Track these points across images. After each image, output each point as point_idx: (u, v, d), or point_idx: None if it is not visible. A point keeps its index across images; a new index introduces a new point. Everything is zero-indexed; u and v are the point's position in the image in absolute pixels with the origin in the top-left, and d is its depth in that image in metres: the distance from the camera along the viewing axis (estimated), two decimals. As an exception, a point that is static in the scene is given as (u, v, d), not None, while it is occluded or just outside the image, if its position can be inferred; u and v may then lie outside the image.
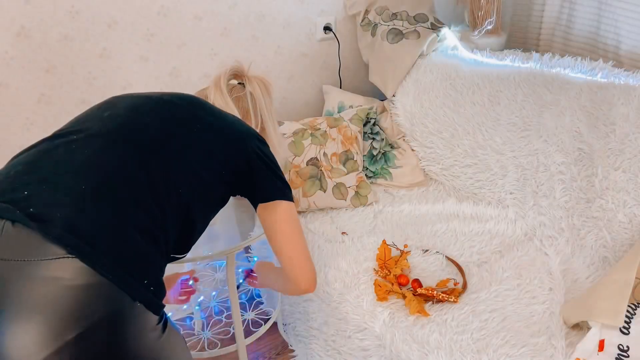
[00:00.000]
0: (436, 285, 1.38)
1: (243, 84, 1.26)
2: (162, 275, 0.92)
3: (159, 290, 0.89)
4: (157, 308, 0.86)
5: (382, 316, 1.31)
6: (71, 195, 0.84)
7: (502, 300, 1.34)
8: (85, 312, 0.77)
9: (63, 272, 0.77)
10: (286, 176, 1.65)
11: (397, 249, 1.49)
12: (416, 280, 1.38)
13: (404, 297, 1.34)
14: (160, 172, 0.93)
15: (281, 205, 1.13)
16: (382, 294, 1.35)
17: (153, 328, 0.85)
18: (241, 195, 1.14)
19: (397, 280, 1.38)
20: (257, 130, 1.24)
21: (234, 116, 1.16)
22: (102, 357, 0.79)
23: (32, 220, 0.79)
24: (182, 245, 1.04)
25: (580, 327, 1.24)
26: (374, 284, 1.38)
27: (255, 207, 1.15)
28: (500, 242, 1.57)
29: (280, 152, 1.30)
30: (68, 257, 0.78)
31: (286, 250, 1.16)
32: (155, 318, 0.86)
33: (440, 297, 1.33)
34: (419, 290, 1.34)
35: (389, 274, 1.40)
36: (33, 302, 0.75)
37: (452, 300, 1.32)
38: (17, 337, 0.74)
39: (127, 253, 0.84)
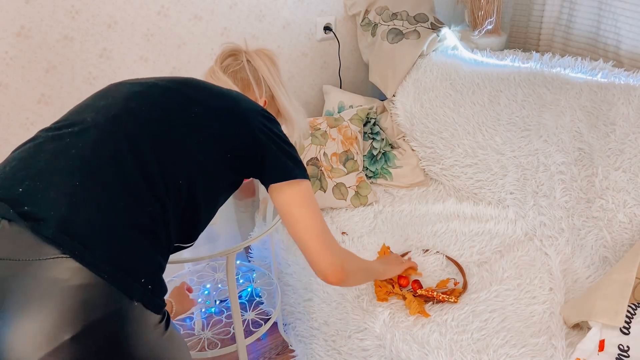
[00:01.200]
0: (436, 286, 1.38)
1: (239, 60, 1.20)
2: (162, 272, 0.90)
3: (159, 289, 0.87)
4: (157, 307, 0.85)
5: (382, 316, 1.30)
6: (65, 192, 0.82)
7: (502, 300, 1.34)
8: (81, 313, 0.75)
9: (58, 272, 0.76)
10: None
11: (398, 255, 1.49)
12: (416, 282, 1.38)
13: (404, 298, 1.34)
14: (157, 164, 0.90)
15: (291, 187, 1.04)
16: (382, 295, 1.35)
17: (154, 327, 0.84)
18: (252, 177, 1.08)
19: (397, 281, 1.38)
20: (264, 99, 1.17)
21: (237, 93, 1.09)
22: (102, 358, 0.78)
23: (25, 219, 0.78)
24: (187, 235, 1.01)
25: (581, 327, 1.24)
26: (374, 284, 1.38)
27: (267, 188, 1.07)
28: (501, 242, 1.57)
29: (298, 121, 1.21)
30: (62, 257, 0.76)
31: (299, 234, 1.05)
32: (156, 317, 0.84)
33: (440, 297, 1.33)
34: (419, 292, 1.34)
35: None
36: (29, 303, 0.75)
37: (452, 300, 1.32)
38: (13, 337, 0.74)
39: (122, 251, 0.82)
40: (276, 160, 1.03)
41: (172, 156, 0.93)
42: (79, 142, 0.88)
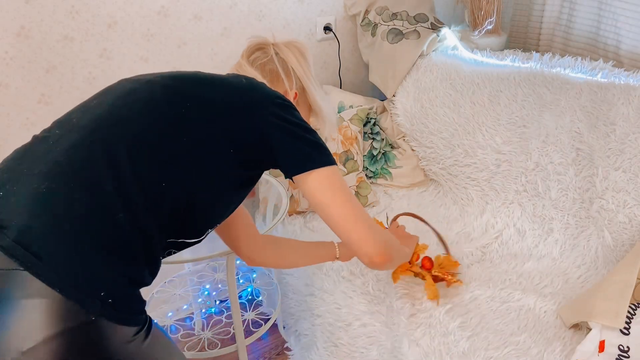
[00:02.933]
0: (440, 265, 1.38)
1: (268, 53, 1.14)
2: (135, 284, 0.84)
3: (124, 302, 0.80)
4: (125, 320, 0.79)
5: (379, 316, 1.31)
6: (30, 199, 0.79)
7: (500, 300, 1.34)
8: (36, 328, 0.73)
9: (15, 285, 0.74)
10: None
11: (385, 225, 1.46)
12: (427, 258, 1.36)
13: (422, 277, 1.33)
14: (132, 168, 0.84)
15: (313, 176, 0.96)
16: (398, 273, 1.33)
17: (130, 339, 0.80)
18: (267, 169, 1.02)
19: (421, 263, 1.37)
20: (295, 91, 1.12)
21: (248, 82, 1.01)
22: None
23: None
24: (193, 231, 0.96)
25: (580, 327, 1.24)
26: None
27: (288, 178, 1.00)
28: (500, 242, 1.58)
29: (328, 114, 1.16)
30: (19, 270, 0.74)
31: (336, 222, 0.98)
32: (130, 330, 0.80)
33: (451, 279, 1.34)
34: (434, 272, 1.34)
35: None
36: None
37: (458, 282, 1.35)
38: None
39: (79, 265, 0.77)
40: (291, 150, 0.96)
41: (152, 158, 0.87)
42: (58, 146, 0.85)
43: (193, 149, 0.90)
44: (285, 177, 1.01)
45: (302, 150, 0.97)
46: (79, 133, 0.86)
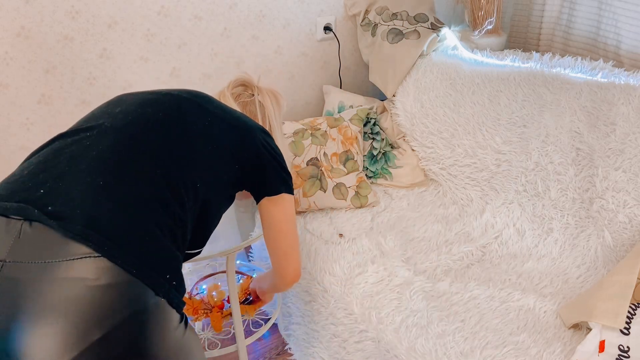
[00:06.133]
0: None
1: (252, 93, 1.29)
2: (181, 270, 0.92)
3: (181, 286, 0.88)
4: (179, 304, 0.86)
5: (376, 317, 1.31)
6: (89, 191, 0.83)
7: (499, 300, 1.34)
8: (109, 313, 0.76)
9: (86, 272, 0.76)
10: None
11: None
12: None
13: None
14: (176, 166, 0.93)
15: (284, 199, 1.14)
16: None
17: (176, 327, 0.85)
18: (246, 189, 1.14)
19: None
20: None
21: (239, 111, 1.16)
22: (126, 357, 0.78)
23: (51, 218, 0.78)
24: (197, 240, 1.04)
25: (579, 327, 1.24)
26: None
27: (259, 199, 1.15)
28: (500, 242, 1.57)
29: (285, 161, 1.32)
30: (90, 257, 0.77)
31: (283, 245, 1.19)
32: (177, 316, 0.86)
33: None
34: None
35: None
36: (56, 305, 0.74)
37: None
38: (40, 340, 0.73)
39: (148, 247, 0.83)
40: (275, 173, 1.11)
41: (188, 160, 0.96)
42: (99, 144, 0.90)
43: (213, 158, 1.01)
44: (259, 194, 1.14)
45: (281, 175, 1.13)
46: (118, 133, 0.93)
